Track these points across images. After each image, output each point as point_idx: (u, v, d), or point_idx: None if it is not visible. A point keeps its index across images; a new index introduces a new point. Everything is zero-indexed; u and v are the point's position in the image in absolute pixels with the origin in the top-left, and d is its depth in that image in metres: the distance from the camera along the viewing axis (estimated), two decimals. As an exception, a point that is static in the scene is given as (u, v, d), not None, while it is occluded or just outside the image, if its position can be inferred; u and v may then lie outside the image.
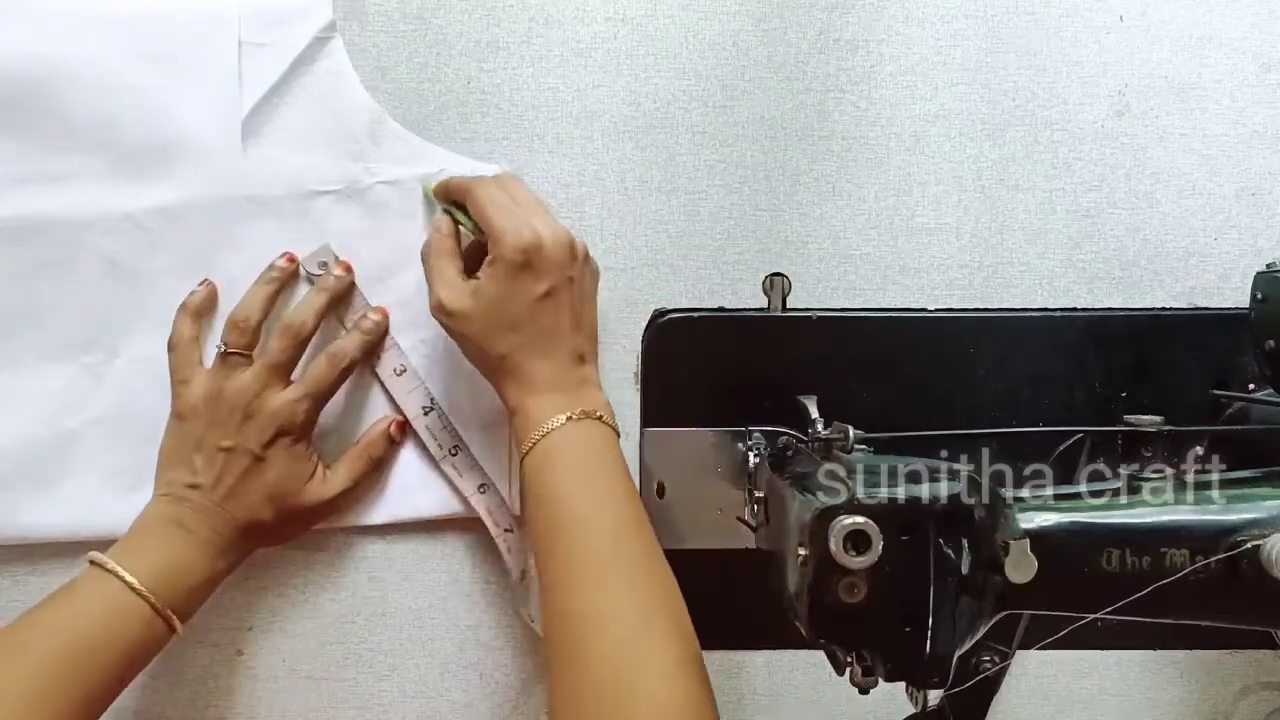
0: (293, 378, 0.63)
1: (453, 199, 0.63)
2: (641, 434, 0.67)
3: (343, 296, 0.65)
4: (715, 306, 0.68)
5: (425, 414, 0.65)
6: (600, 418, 0.59)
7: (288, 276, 0.64)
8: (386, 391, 0.66)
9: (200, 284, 0.64)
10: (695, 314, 0.67)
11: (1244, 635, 0.65)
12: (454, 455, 0.65)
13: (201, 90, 0.63)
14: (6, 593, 0.65)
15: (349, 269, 0.65)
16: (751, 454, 0.63)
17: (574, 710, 0.51)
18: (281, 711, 0.68)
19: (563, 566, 0.55)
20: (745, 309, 0.67)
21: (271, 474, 0.61)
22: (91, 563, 0.57)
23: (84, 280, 0.63)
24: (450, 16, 0.66)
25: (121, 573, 0.56)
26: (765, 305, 0.66)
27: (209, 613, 0.66)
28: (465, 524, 0.67)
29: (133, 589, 0.56)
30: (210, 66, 0.63)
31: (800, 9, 0.67)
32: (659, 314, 0.67)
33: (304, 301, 0.64)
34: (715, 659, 0.69)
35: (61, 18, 0.62)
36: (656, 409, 0.67)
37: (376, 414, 0.66)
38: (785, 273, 0.66)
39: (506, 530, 0.66)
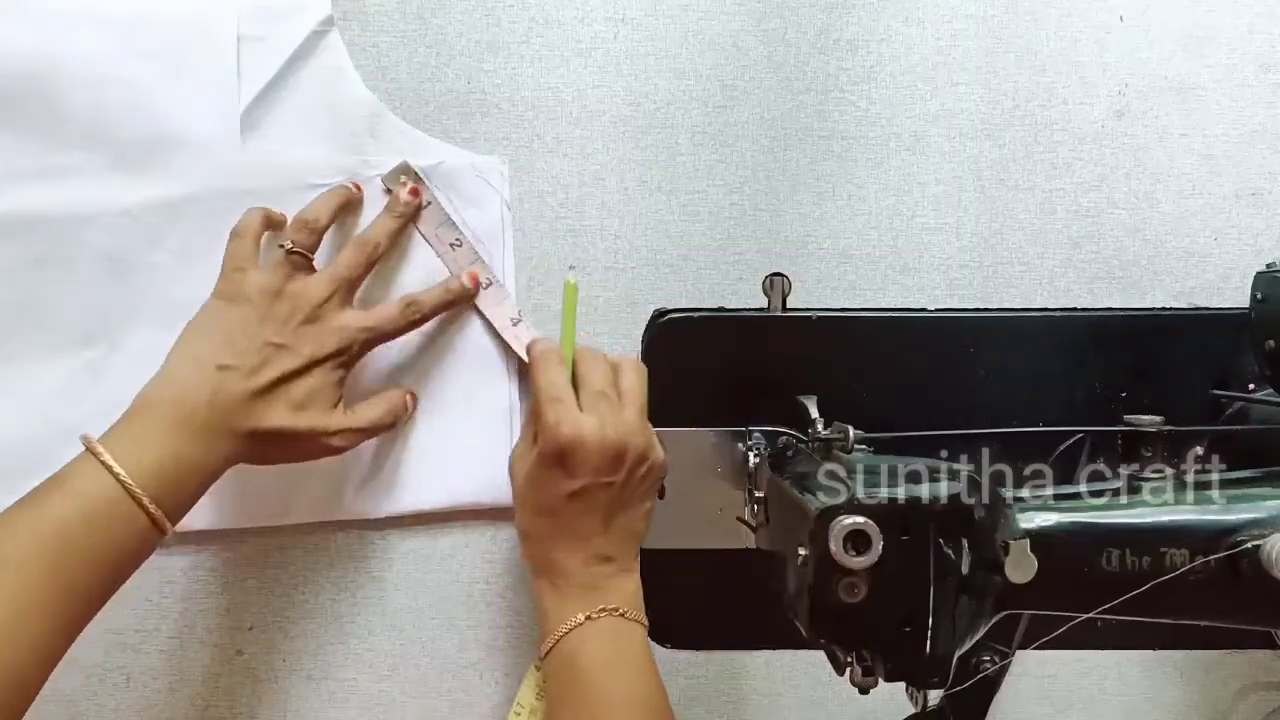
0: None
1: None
2: (641, 434, 0.67)
3: (412, 220, 0.64)
4: (715, 306, 0.68)
5: (514, 325, 0.66)
6: (623, 614, 0.58)
7: (356, 199, 0.64)
8: (479, 312, 0.66)
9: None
10: (695, 314, 0.67)
11: (1244, 635, 0.65)
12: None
13: (199, 85, 0.63)
14: (6, 592, 0.65)
15: (417, 193, 0.64)
16: (751, 454, 0.63)
17: None
18: (281, 711, 0.68)
19: None
20: (745, 309, 0.67)
21: (305, 387, 0.57)
22: (86, 449, 0.53)
23: (83, 275, 0.63)
24: (450, 16, 0.66)
25: (116, 468, 0.51)
26: (765, 305, 0.66)
27: (209, 613, 0.66)
28: (466, 523, 0.67)
29: (129, 490, 0.51)
30: (208, 61, 0.63)
31: (800, 9, 0.67)
32: (659, 314, 0.67)
33: (378, 222, 0.63)
34: (715, 659, 0.69)
35: (59, 13, 0.62)
36: (656, 409, 0.66)
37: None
38: (785, 273, 0.66)
39: None
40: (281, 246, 0.59)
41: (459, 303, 0.65)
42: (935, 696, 0.56)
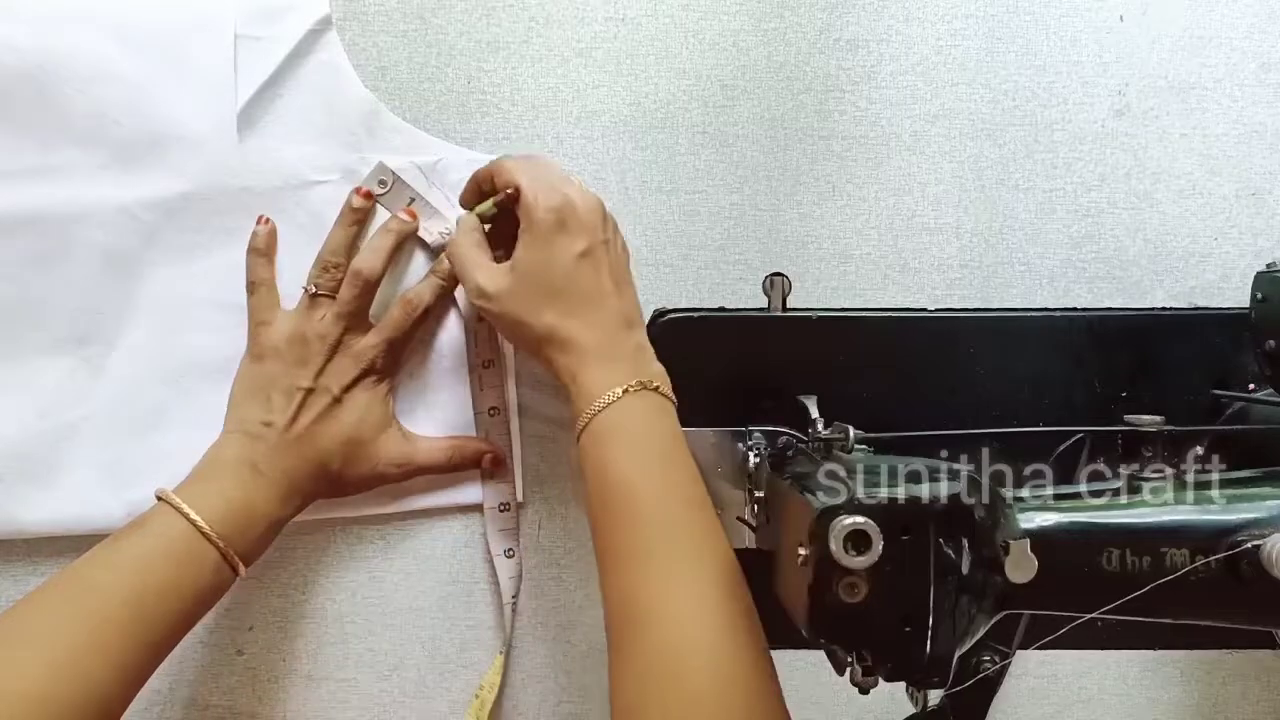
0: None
1: (481, 185, 0.62)
2: (641, 434, 0.67)
3: (408, 235, 0.65)
4: (715, 306, 0.68)
5: (480, 321, 0.66)
6: (657, 388, 0.57)
7: (366, 215, 0.64)
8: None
9: (260, 223, 0.64)
10: (695, 314, 0.67)
11: (1244, 635, 0.65)
12: (486, 369, 0.66)
13: (197, 83, 0.63)
14: (6, 592, 0.65)
15: (370, 196, 0.64)
16: (751, 454, 0.63)
17: (635, 682, 0.50)
18: (281, 711, 0.68)
19: (621, 544, 0.54)
20: (745, 309, 0.67)
21: (349, 416, 0.62)
22: (159, 499, 0.57)
23: (79, 273, 0.63)
24: (450, 16, 0.66)
25: (190, 513, 0.55)
26: (765, 305, 0.66)
27: (209, 612, 0.66)
28: (467, 522, 0.67)
29: (201, 531, 0.55)
30: (206, 59, 0.63)
31: (800, 9, 0.67)
32: (659, 314, 0.67)
33: (370, 247, 0.64)
34: (715, 659, 0.69)
35: (57, 11, 0.62)
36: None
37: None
38: (785, 273, 0.66)
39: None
40: (306, 290, 0.62)
41: (452, 286, 0.65)
42: (935, 696, 0.56)
